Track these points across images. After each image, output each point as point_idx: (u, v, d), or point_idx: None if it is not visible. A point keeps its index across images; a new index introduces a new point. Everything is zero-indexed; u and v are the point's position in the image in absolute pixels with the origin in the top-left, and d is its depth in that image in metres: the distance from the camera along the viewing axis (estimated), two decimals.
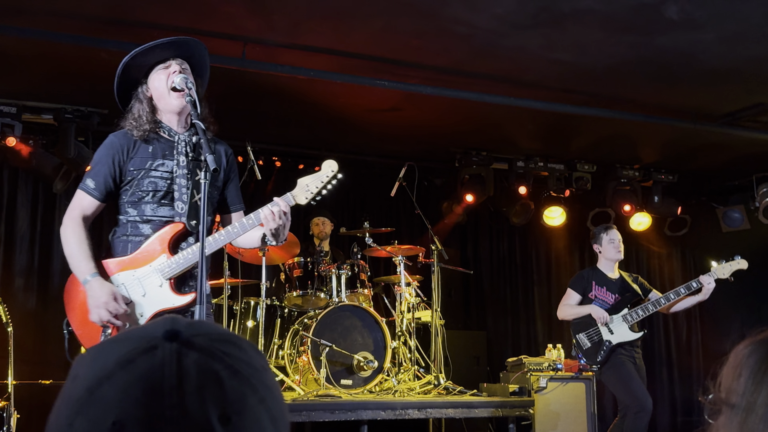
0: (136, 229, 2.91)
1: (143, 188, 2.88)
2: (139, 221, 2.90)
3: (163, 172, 2.90)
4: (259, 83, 5.87)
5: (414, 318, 6.32)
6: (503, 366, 6.59)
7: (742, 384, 0.99)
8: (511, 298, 8.88)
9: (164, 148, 2.92)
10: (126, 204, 2.92)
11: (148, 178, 2.88)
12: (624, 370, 5.20)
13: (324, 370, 5.41)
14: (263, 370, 0.72)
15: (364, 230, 6.32)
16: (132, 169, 2.89)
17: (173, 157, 2.92)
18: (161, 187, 2.89)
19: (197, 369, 0.66)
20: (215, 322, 0.77)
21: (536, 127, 7.07)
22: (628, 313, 5.31)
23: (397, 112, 6.59)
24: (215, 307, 6.00)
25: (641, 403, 5.07)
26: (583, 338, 5.35)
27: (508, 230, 8.95)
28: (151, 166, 2.89)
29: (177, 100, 2.89)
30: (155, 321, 0.71)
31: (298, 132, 7.24)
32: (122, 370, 0.66)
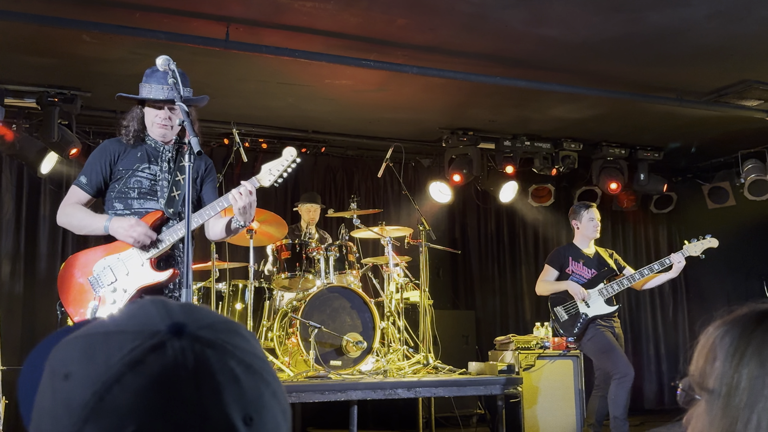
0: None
1: (130, 185, 3.30)
2: (128, 213, 3.29)
3: (148, 173, 3.33)
4: (244, 65, 5.82)
5: (402, 298, 6.35)
6: (492, 345, 6.64)
7: (718, 368, 0.96)
8: (499, 277, 8.92)
9: (151, 155, 3.37)
10: (113, 199, 3.31)
11: (134, 177, 3.31)
12: (604, 340, 5.29)
13: (313, 352, 5.43)
14: (266, 359, 0.69)
15: (351, 211, 6.32)
16: (121, 168, 3.32)
17: (158, 163, 3.36)
18: (146, 186, 3.31)
19: (213, 368, 0.62)
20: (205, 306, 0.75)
21: (522, 106, 7.06)
22: (604, 287, 5.40)
23: (383, 92, 6.56)
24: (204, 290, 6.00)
25: (623, 370, 5.15)
26: (561, 311, 5.44)
27: (496, 210, 8.97)
28: (138, 168, 3.33)
29: (159, 130, 3.38)
30: (145, 306, 0.67)
31: (284, 114, 7.20)
32: (132, 372, 0.61)
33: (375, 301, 6.09)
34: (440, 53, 5.67)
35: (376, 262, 6.78)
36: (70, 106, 6.22)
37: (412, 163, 8.70)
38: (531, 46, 5.54)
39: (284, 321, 5.94)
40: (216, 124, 7.23)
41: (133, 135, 3.34)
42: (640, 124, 7.61)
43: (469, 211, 9.00)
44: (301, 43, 5.36)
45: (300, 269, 6.02)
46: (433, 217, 8.18)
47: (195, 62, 5.56)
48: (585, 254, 5.56)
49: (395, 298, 6.39)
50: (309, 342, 5.48)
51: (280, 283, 6.18)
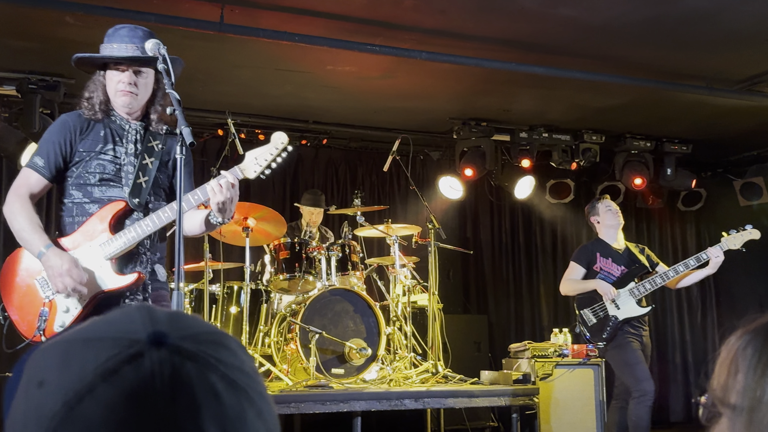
0: (83, 209, 3.00)
1: (90, 170, 3.00)
2: (87, 201, 3.00)
3: (111, 156, 3.03)
4: (239, 50, 5.81)
5: (410, 302, 6.34)
6: (506, 352, 6.62)
7: (740, 381, 0.94)
8: (514, 279, 8.90)
9: (115, 135, 3.06)
10: (71, 186, 3.01)
11: (96, 161, 3.00)
12: (630, 351, 5.24)
13: (314, 359, 5.42)
14: (255, 374, 0.68)
15: (355, 208, 6.31)
16: (82, 150, 3.00)
17: (123, 144, 3.05)
18: (108, 171, 3.01)
19: (192, 382, 0.62)
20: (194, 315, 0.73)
21: (540, 95, 7.04)
22: (635, 287, 5.33)
23: (390, 79, 6.54)
24: (196, 292, 6.01)
25: (644, 388, 5.12)
26: (588, 314, 5.38)
27: (511, 207, 8.95)
28: (101, 149, 3.02)
29: (121, 98, 3.04)
30: (129, 312, 0.67)
31: (282, 103, 7.19)
32: (105, 383, 0.61)
33: (380, 305, 6.08)
34: (451, 37, 5.65)
35: (381, 263, 6.77)
36: (53, 94, 6.22)
37: (420, 156, 8.68)
38: (549, 28, 5.52)
39: (282, 326, 5.93)
40: (209, 113, 7.23)
41: (99, 108, 3.02)
42: (666, 115, 7.57)
43: (482, 208, 8.97)
44: (301, 27, 5.35)
45: (299, 270, 6.02)
46: (443, 214, 8.17)
47: (187, 47, 5.55)
48: (614, 250, 5.51)
49: (402, 301, 6.38)
50: (309, 348, 5.47)
51: (278, 285, 6.17)
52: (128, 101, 3.03)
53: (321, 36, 5.45)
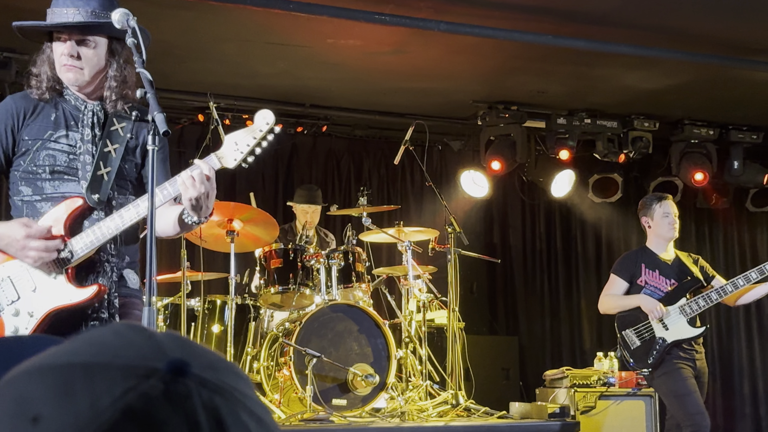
0: (35, 209, 2.97)
1: (39, 162, 2.96)
2: (39, 200, 2.96)
3: (64, 144, 2.98)
4: (224, 21, 5.83)
5: (425, 320, 6.34)
6: (540, 380, 6.61)
7: None
8: (549, 294, 8.89)
9: (69, 117, 3.02)
10: (19, 181, 2.99)
11: (45, 150, 2.96)
12: (680, 380, 5.24)
13: (311, 388, 5.44)
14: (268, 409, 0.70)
15: (360, 208, 6.32)
16: (27, 138, 2.97)
17: (78, 128, 3.01)
18: (61, 162, 2.96)
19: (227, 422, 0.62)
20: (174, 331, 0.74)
21: (581, 73, 7.03)
22: (687, 304, 5.33)
23: (402, 55, 6.56)
24: (172, 307, 6.03)
25: (696, 423, 5.11)
26: (631, 335, 5.38)
27: (546, 207, 8.94)
28: (51, 137, 2.98)
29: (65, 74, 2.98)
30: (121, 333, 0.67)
31: (274, 83, 7.21)
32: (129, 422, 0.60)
33: (389, 324, 6.09)
34: (474, 5, 5.65)
35: (391, 274, 6.78)
36: (3, 72, 6.27)
37: (438, 146, 8.68)
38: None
39: (274, 348, 5.95)
40: (188, 95, 7.26)
41: (48, 86, 2.98)
42: (733, 97, 7.55)
43: (512, 208, 8.97)
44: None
45: (294, 282, 6.04)
46: (465, 215, 8.17)
47: (161, 17, 5.58)
48: (662, 261, 5.51)
49: (416, 319, 6.38)
50: (305, 375, 5.49)
51: (268, 300, 6.19)
52: (72, 77, 2.97)
53: (320, 3, 5.47)
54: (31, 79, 3.02)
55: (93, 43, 2.98)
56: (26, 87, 3.04)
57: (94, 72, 2.99)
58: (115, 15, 2.83)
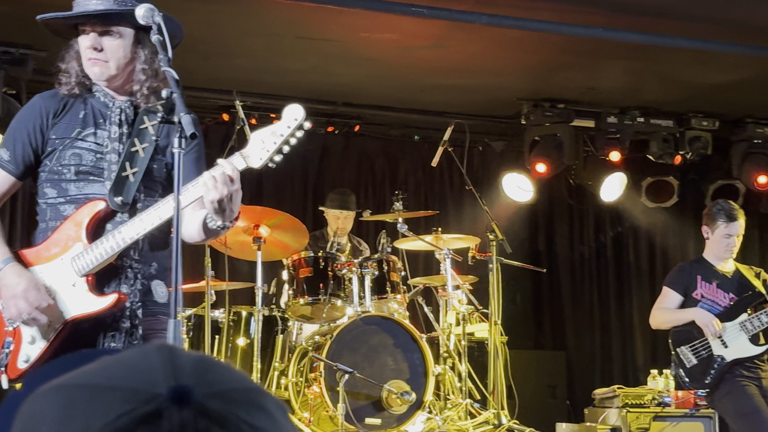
0: (57, 212, 3.00)
1: (65, 161, 2.99)
2: (62, 202, 2.99)
3: (91, 143, 3.01)
4: (251, 14, 5.87)
5: (465, 334, 6.34)
6: (589, 399, 6.57)
7: None
8: (599, 305, 8.84)
9: (98, 115, 3.05)
10: (45, 183, 3.03)
11: (71, 149, 2.99)
12: (745, 399, 5.18)
13: (342, 405, 5.45)
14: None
15: (395, 214, 6.33)
16: (54, 137, 3.01)
17: (106, 126, 3.04)
18: (87, 161, 2.99)
19: None
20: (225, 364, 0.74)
21: (634, 69, 6.99)
22: (748, 320, 5.28)
23: (441, 50, 6.56)
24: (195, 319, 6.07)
25: None
26: (687, 352, 5.34)
27: (596, 212, 8.89)
28: (79, 135, 3.01)
29: (90, 68, 3.02)
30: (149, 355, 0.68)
31: (304, 80, 7.25)
32: None
33: (427, 338, 6.09)
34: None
35: (428, 284, 6.78)
36: (19, 70, 6.36)
37: (479, 147, 8.67)
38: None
39: (303, 363, 5.97)
40: (213, 93, 7.31)
41: (77, 81, 3.02)
42: None
43: (558, 213, 8.93)
44: None
45: (325, 292, 6.06)
46: (508, 221, 8.15)
47: (186, 10, 5.62)
48: (720, 273, 5.46)
49: (455, 333, 6.38)
50: (337, 392, 5.50)
51: (297, 311, 6.21)
52: (97, 72, 3.00)
53: None
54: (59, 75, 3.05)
55: (117, 34, 3.00)
56: (56, 84, 3.07)
57: (121, 65, 3.00)
58: (139, 11, 2.85)
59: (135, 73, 3.03)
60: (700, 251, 5.73)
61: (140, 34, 3.00)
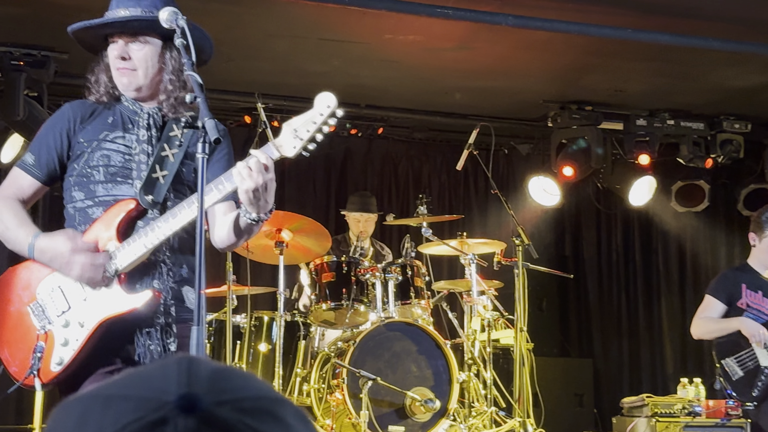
0: (86, 216, 3.02)
1: (93, 163, 3.03)
2: (90, 204, 3.02)
3: (120, 145, 3.05)
4: (274, 16, 5.90)
5: (490, 340, 6.33)
6: (617, 408, 6.55)
7: None
8: (627, 312, 8.81)
9: (126, 120, 3.11)
10: (73, 187, 3.06)
11: (100, 151, 3.03)
12: None
13: (366, 413, 5.46)
14: None
15: (419, 218, 6.34)
16: (82, 140, 3.05)
17: (135, 130, 3.08)
18: (115, 162, 3.03)
19: None
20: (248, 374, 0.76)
21: (664, 71, 6.97)
22: None
23: (466, 51, 6.57)
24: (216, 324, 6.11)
25: None
26: (733, 365, 5.29)
27: (624, 217, 8.86)
28: (107, 137, 3.05)
29: (119, 80, 3.07)
30: (168, 366, 0.70)
31: (327, 82, 7.26)
32: None
33: (451, 344, 6.09)
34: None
35: (453, 289, 6.78)
36: (41, 72, 6.42)
37: (504, 150, 8.66)
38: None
39: (326, 369, 5.99)
40: (235, 95, 7.35)
41: (105, 90, 3.09)
42: None
43: (586, 218, 8.91)
44: None
45: (348, 297, 6.07)
46: (534, 226, 8.14)
47: (208, 12, 5.68)
48: (766, 281, 5.41)
49: (480, 339, 6.38)
50: (360, 399, 5.52)
51: (320, 317, 6.23)
52: (126, 82, 3.05)
53: None
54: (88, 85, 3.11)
55: (145, 43, 3.05)
56: (84, 94, 3.13)
57: (149, 74, 3.05)
58: (162, 14, 2.88)
59: (163, 83, 3.07)
60: (731, 256, 5.70)
61: (168, 45, 3.04)
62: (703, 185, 8.29)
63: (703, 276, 8.75)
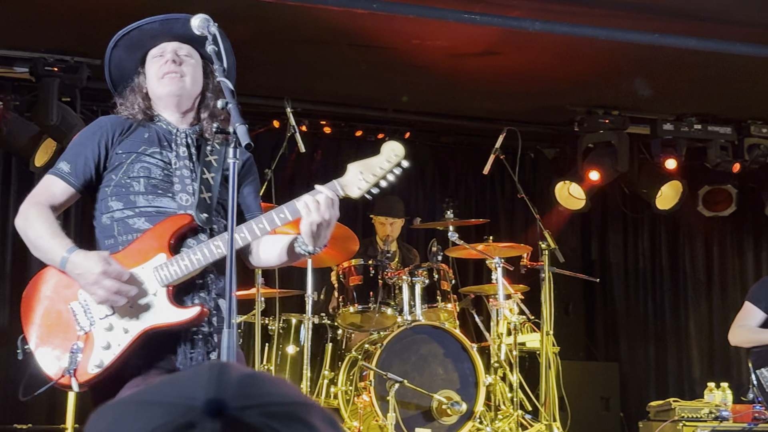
0: (127, 226, 3.01)
1: (133, 174, 3.02)
2: (131, 215, 3.00)
3: (159, 159, 3.06)
4: (302, 21, 5.92)
5: (516, 344, 6.32)
6: (643, 412, 6.52)
7: None
8: (654, 316, 8.75)
9: (162, 138, 3.11)
10: (109, 197, 3.03)
11: (140, 163, 3.03)
12: None
13: (393, 415, 5.47)
14: None
15: (446, 221, 6.33)
16: (121, 152, 3.05)
17: (172, 148, 3.09)
18: (156, 175, 3.03)
19: None
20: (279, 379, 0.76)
21: (692, 75, 6.93)
22: None
23: (493, 57, 6.56)
24: (245, 326, 6.13)
25: None
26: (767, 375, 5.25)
27: (651, 221, 8.81)
28: (145, 150, 3.06)
29: (167, 87, 3.09)
30: (199, 372, 0.71)
31: (355, 87, 7.29)
32: None
33: (477, 347, 6.08)
34: (573, 2, 5.63)
35: (479, 293, 6.77)
36: (74, 78, 6.48)
37: (531, 155, 8.64)
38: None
39: (353, 372, 6.00)
40: (263, 100, 7.37)
41: (139, 109, 3.11)
42: None
43: (612, 222, 8.87)
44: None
45: (375, 300, 6.08)
46: (560, 230, 8.11)
47: (237, 19, 5.71)
48: None
49: (506, 343, 6.36)
50: (387, 401, 5.52)
51: (347, 320, 6.25)
52: (174, 89, 3.07)
53: (405, 3, 5.52)
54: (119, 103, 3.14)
55: (191, 56, 3.11)
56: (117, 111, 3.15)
57: (195, 87, 3.11)
58: (194, 21, 2.90)
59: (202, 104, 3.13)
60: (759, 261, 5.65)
61: (208, 67, 3.08)
62: (731, 190, 8.24)
63: (730, 280, 8.70)
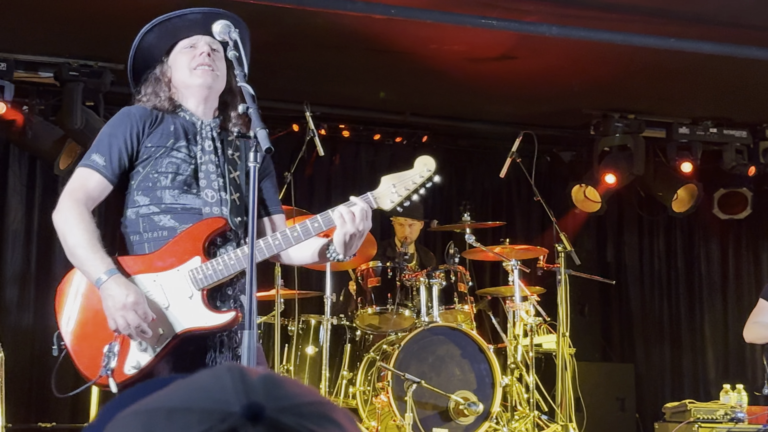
0: (152, 223, 2.99)
1: (161, 169, 2.99)
2: (157, 211, 2.98)
3: (186, 154, 3.03)
4: (322, 27, 5.95)
5: (533, 345, 6.31)
6: (659, 413, 6.50)
7: None
8: (669, 318, 8.73)
9: (187, 131, 3.08)
10: (135, 191, 3.01)
11: (168, 158, 3.00)
12: None
13: (410, 415, 5.47)
14: None
15: (462, 224, 6.34)
16: (150, 145, 3.00)
17: (197, 142, 3.07)
18: (184, 171, 3.01)
19: None
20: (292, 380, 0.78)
21: (707, 79, 6.91)
22: None
23: (510, 61, 6.57)
24: (264, 327, 6.16)
25: None
26: None
27: (666, 224, 8.79)
28: (173, 145, 3.02)
29: (199, 77, 3.08)
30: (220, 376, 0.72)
31: (373, 91, 7.31)
32: None
33: (494, 348, 6.09)
34: (589, 7, 5.63)
35: (496, 294, 6.77)
36: (98, 82, 6.53)
37: (547, 158, 8.63)
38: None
39: (371, 372, 6.01)
40: (282, 103, 7.40)
41: (166, 98, 3.09)
42: None
43: (628, 225, 8.85)
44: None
45: (393, 302, 6.09)
46: (576, 233, 8.10)
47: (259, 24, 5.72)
48: None
49: (523, 344, 6.36)
50: (404, 402, 5.53)
51: (365, 321, 6.26)
52: (209, 80, 3.07)
53: (423, 8, 5.53)
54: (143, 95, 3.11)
55: (218, 52, 3.11)
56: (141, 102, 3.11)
57: (222, 83, 3.11)
58: (216, 26, 2.93)
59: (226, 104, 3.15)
60: None
61: (231, 70, 3.05)
62: (746, 193, 8.21)
63: (745, 283, 8.66)
